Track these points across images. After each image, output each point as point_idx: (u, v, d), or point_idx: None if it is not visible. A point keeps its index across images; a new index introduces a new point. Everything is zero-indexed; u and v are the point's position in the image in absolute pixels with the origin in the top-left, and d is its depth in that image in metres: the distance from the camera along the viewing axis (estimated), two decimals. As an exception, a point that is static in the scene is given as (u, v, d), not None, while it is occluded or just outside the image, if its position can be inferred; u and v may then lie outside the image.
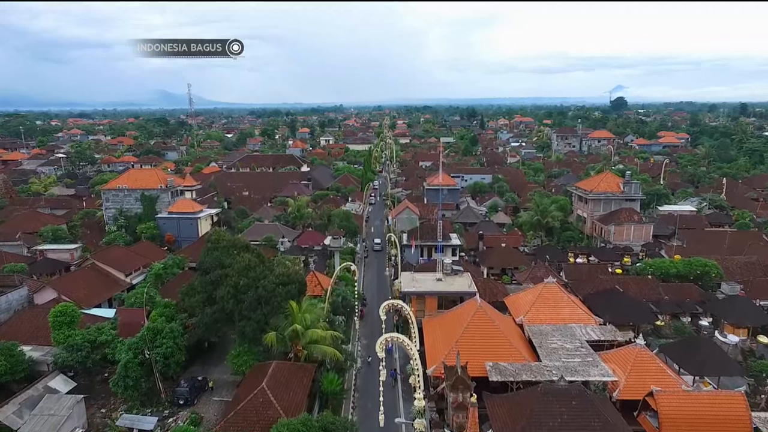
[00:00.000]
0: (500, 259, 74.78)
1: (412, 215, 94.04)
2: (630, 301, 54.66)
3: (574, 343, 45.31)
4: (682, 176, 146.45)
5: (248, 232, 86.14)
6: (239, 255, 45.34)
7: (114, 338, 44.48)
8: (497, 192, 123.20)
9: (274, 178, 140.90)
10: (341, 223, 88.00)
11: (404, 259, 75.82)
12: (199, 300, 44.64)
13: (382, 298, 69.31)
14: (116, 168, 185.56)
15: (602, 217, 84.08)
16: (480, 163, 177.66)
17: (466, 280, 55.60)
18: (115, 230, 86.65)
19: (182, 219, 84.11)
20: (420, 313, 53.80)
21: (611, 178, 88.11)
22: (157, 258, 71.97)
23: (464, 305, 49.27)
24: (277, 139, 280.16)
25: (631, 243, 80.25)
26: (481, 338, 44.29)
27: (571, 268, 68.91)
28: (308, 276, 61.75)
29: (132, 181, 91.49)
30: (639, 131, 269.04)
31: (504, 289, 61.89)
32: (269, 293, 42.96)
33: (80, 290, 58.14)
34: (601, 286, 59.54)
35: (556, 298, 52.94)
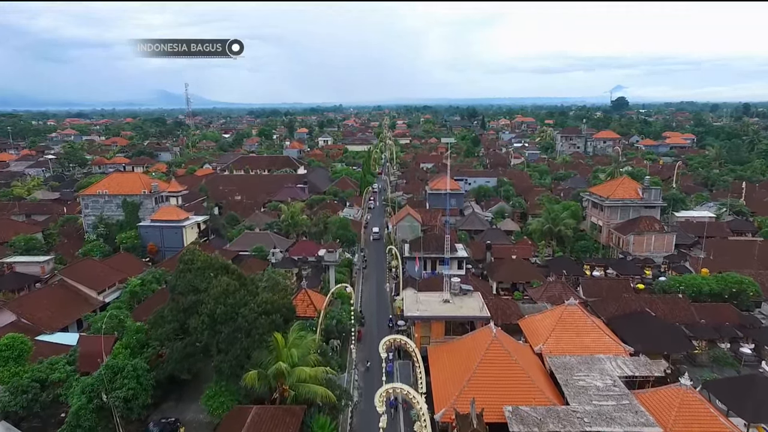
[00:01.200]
0: (511, 272, 68.55)
1: (414, 222, 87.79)
2: (662, 326, 48.44)
3: (604, 379, 39.07)
4: (695, 179, 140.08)
5: (237, 242, 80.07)
6: (216, 278, 39.07)
7: (69, 375, 38.17)
8: (503, 196, 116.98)
9: (269, 181, 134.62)
10: (338, 232, 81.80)
11: (406, 272, 69.62)
12: (169, 330, 38.37)
13: (382, 317, 63.36)
14: (107, 170, 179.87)
15: (620, 225, 77.79)
16: (483, 164, 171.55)
17: (476, 302, 49.36)
18: (95, 239, 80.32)
19: (166, 227, 77.84)
20: (425, 339, 47.65)
21: (628, 184, 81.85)
22: (135, 272, 65.76)
23: (477, 334, 43.05)
24: (274, 140, 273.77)
25: (651, 254, 74.01)
26: (497, 376, 38.10)
27: (590, 283, 62.67)
28: (299, 294, 55.56)
29: (113, 185, 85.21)
30: (643, 131, 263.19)
31: (517, 308, 55.62)
32: (250, 324, 36.69)
33: (44, 311, 51.88)
34: (627, 306, 53.25)
35: (579, 322, 46.78)
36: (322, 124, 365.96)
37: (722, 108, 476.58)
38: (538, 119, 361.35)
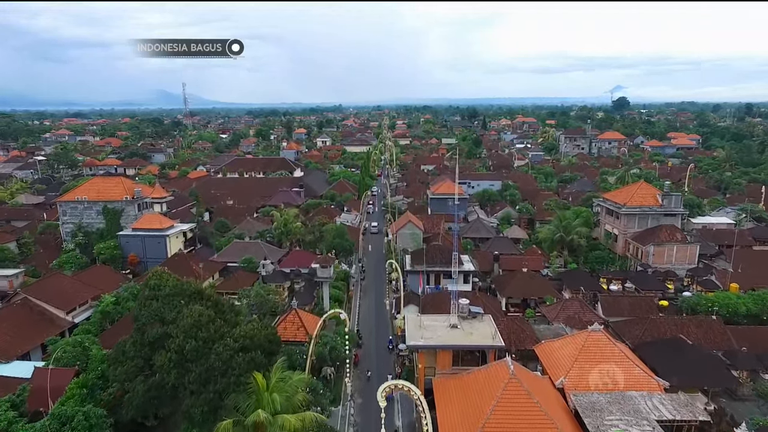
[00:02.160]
0: (521, 287, 62.87)
1: (416, 230, 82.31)
2: (699, 355, 42.80)
3: (641, 424, 33.47)
4: (707, 182, 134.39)
5: (226, 252, 74.42)
6: (187, 306, 33.38)
7: (12, 422, 32.47)
8: (509, 201, 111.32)
9: (263, 184, 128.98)
10: (334, 241, 76.13)
11: (407, 287, 64.02)
12: (131, 368, 32.70)
13: (381, 336, 57.81)
14: (97, 172, 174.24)
15: (638, 235, 72.06)
16: (486, 166, 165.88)
17: (488, 327, 43.67)
18: (72, 249, 74.65)
19: (148, 237, 72.15)
20: (429, 370, 41.96)
21: (646, 189, 76.09)
22: (112, 287, 60.04)
23: (491, 369, 37.37)
24: (272, 140, 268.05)
25: (673, 266, 68.37)
26: (516, 422, 32.42)
27: (610, 301, 56.96)
28: (289, 315, 49.88)
29: (93, 191, 79.44)
30: (647, 132, 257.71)
31: (532, 331, 49.96)
32: (225, 363, 31.04)
33: (1, 336, 46.19)
34: (655, 329, 47.69)
35: (606, 351, 41.10)
36: (320, 125, 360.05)
37: (724, 108, 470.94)
38: (540, 119, 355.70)
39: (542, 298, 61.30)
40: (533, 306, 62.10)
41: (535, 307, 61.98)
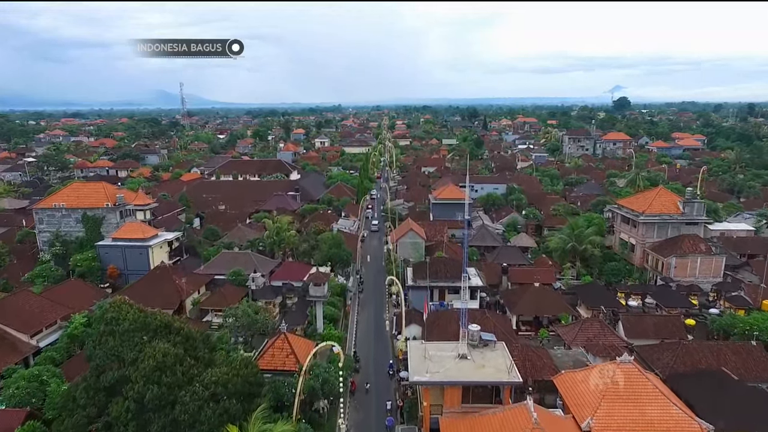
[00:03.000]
0: (533, 303, 57.62)
1: (417, 239, 77.05)
2: (745, 391, 37.59)
3: (687, 484, 28.30)
4: (720, 185, 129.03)
5: (213, 263, 69.16)
6: (150, 344, 28.12)
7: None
8: (515, 206, 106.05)
9: (258, 188, 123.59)
10: (330, 251, 70.84)
11: (408, 303, 58.77)
12: (81, 420, 27.44)
13: (381, 359, 52.56)
14: (88, 174, 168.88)
15: (657, 245, 66.75)
16: (489, 168, 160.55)
17: (502, 358, 38.43)
18: (48, 260, 69.39)
19: (129, 247, 66.87)
20: (436, 408, 36.76)
21: (666, 196, 70.75)
22: (86, 304, 54.88)
23: (509, 413, 32.14)
24: (269, 141, 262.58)
25: (696, 280, 63.17)
26: (541, 482, 27.32)
27: (633, 321, 51.69)
28: (277, 341, 44.53)
29: (72, 197, 74.11)
30: (651, 133, 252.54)
31: (549, 358, 44.69)
32: (192, 415, 25.80)
33: (-47, 365, 40.97)
34: (688, 357, 42.50)
35: (637, 387, 35.86)
36: (319, 125, 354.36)
37: (725, 108, 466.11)
38: (541, 120, 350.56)
39: (557, 316, 56.13)
40: (546, 325, 56.94)
41: (548, 325, 56.83)
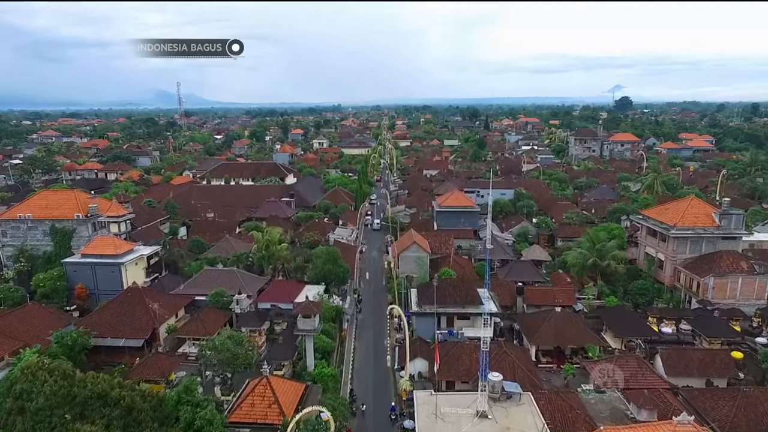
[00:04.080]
0: (555, 332, 50.41)
1: (421, 253, 69.99)
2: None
3: None
4: (740, 190, 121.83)
5: (195, 282, 62.07)
6: (73, 425, 20.98)
7: None
8: (525, 213, 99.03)
9: (251, 193, 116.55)
10: (324, 267, 63.80)
11: (413, 332, 51.70)
12: None
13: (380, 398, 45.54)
14: (75, 177, 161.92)
15: (691, 262, 59.56)
16: (494, 171, 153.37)
17: (529, 415, 31.46)
18: (9, 279, 62.37)
19: (99, 264, 59.80)
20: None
21: (699, 207, 63.51)
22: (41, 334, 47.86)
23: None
24: (267, 142, 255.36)
25: (737, 302, 56.11)
26: None
27: (674, 357, 44.60)
28: (258, 386, 37.44)
29: (40, 207, 67.18)
30: (657, 133, 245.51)
31: (582, 407, 37.44)
32: None
33: None
34: (750, 407, 35.52)
35: (700, 457, 28.93)
36: (318, 125, 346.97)
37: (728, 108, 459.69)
38: (542, 119, 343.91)
39: (584, 349, 49.09)
40: (570, 356, 49.93)
41: (571, 356, 49.84)
